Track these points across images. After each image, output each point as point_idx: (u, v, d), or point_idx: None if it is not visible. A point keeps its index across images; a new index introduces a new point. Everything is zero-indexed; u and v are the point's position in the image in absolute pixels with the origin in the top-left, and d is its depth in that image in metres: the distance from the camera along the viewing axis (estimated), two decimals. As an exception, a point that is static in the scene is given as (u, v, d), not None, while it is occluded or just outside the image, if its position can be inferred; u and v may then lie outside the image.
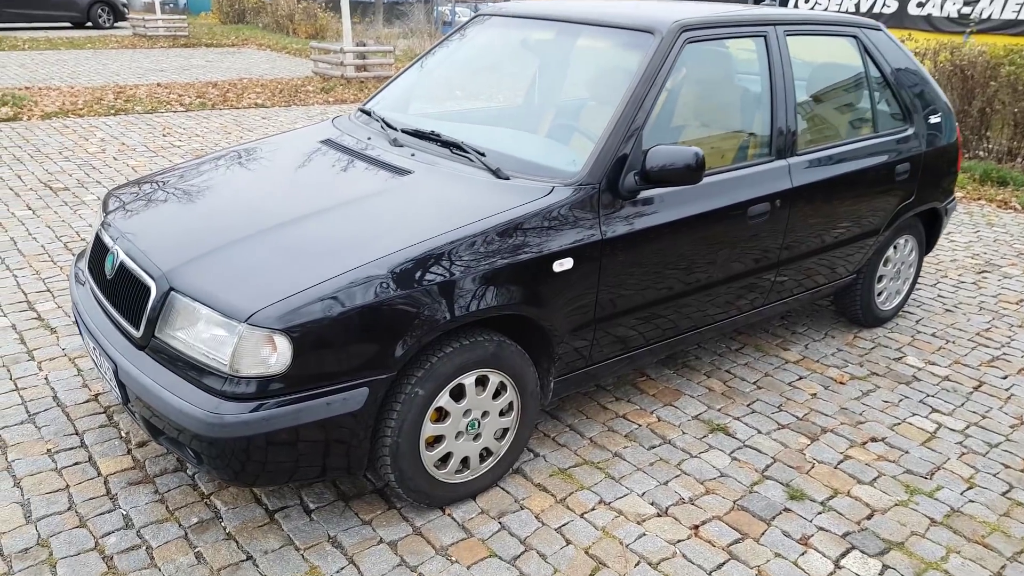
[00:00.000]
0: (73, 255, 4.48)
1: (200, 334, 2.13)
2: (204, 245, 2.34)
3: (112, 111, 8.61)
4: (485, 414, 2.49)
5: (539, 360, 2.65)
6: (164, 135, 7.57)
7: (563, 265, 2.48)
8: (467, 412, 2.44)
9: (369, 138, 3.04)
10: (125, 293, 2.38)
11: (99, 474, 2.60)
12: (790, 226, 3.24)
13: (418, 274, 2.21)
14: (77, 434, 2.81)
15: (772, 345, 3.87)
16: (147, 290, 2.27)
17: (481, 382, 2.45)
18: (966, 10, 12.08)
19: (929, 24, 12.42)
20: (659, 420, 3.12)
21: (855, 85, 3.74)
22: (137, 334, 2.28)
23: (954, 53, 8.14)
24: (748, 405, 3.29)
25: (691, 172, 2.53)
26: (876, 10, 13.17)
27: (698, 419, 3.15)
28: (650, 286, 2.78)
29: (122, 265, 2.43)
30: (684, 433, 3.04)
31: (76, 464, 2.64)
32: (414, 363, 2.29)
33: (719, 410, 3.23)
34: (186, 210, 2.61)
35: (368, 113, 3.31)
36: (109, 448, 2.74)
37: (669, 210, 2.76)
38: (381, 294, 2.15)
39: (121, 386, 2.28)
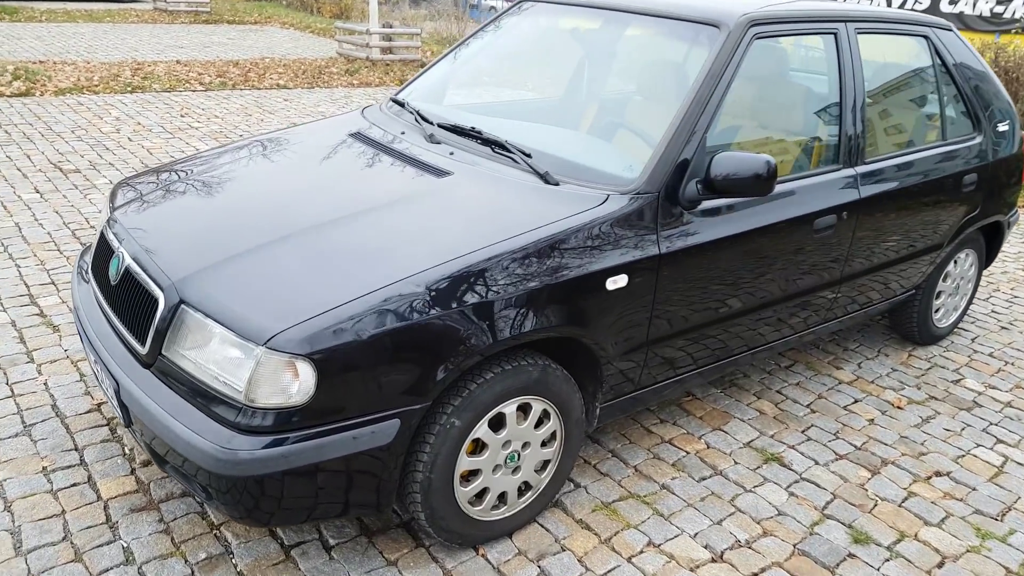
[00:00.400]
0: (82, 244, 4.26)
1: (213, 356, 1.89)
2: (220, 251, 2.10)
3: (129, 88, 8.37)
4: (526, 445, 2.25)
5: (584, 384, 2.40)
6: (182, 115, 7.33)
7: (617, 282, 2.23)
8: (507, 443, 2.20)
9: (403, 132, 2.79)
10: (130, 302, 2.15)
11: (99, 498, 2.37)
12: (855, 240, 2.97)
13: (458, 292, 1.97)
14: (76, 449, 2.58)
15: (824, 363, 3.61)
16: (155, 301, 2.04)
17: (522, 410, 2.21)
18: (999, 9, 11.67)
19: (961, 23, 12.00)
20: (708, 447, 2.87)
21: (925, 89, 3.45)
22: (142, 350, 2.05)
23: (999, 55, 7.79)
24: (803, 431, 3.03)
25: (761, 183, 2.26)
26: (907, 6, 12.75)
27: (750, 447, 2.90)
28: (706, 305, 2.53)
29: (127, 270, 2.19)
30: (736, 463, 2.80)
31: (74, 485, 2.42)
32: (450, 391, 2.05)
33: (772, 436, 2.98)
34: (200, 209, 2.37)
35: (401, 104, 3.05)
36: (111, 467, 2.51)
37: (732, 222, 2.50)
38: (417, 315, 1.91)
39: (123, 407, 2.05)
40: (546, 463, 2.35)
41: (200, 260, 2.08)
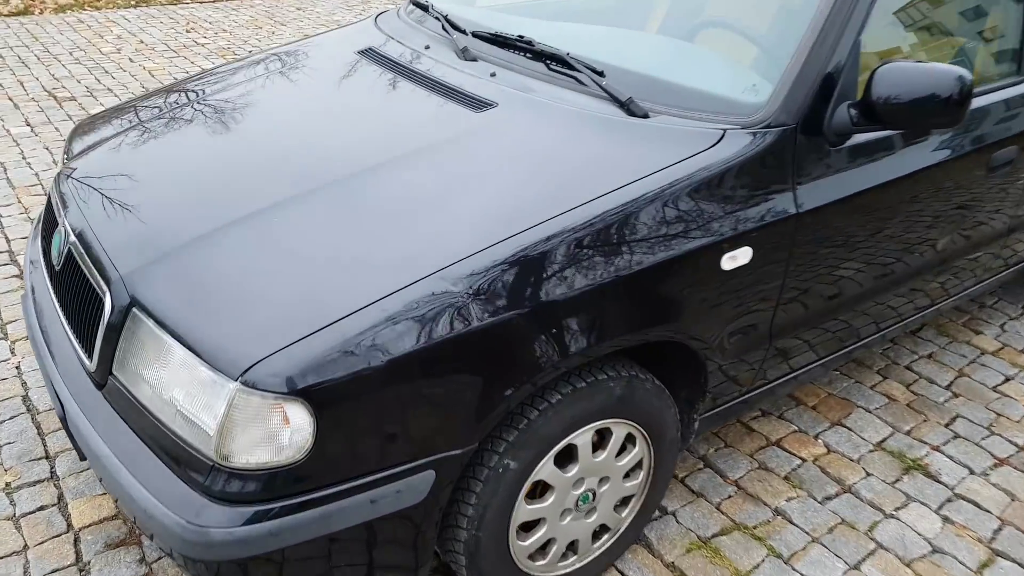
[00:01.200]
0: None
1: (174, 385, 1.30)
2: (187, 229, 1.48)
3: (132, 2, 7.66)
4: (604, 480, 1.64)
5: (678, 391, 1.78)
6: (187, 31, 6.62)
7: (736, 259, 1.56)
8: (579, 482, 1.60)
9: (427, 47, 2.08)
10: (77, 296, 1.56)
11: (69, 527, 1.86)
12: (1033, 177, 2.23)
13: (512, 288, 1.33)
14: (47, 458, 2.06)
15: (957, 325, 2.90)
16: (100, 301, 1.45)
17: (600, 435, 1.60)
18: None
19: None
20: (829, 451, 2.24)
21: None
22: (90, 366, 1.47)
23: None
24: (947, 425, 2.37)
25: (950, 108, 1.54)
26: None
27: (883, 449, 2.26)
28: (848, 278, 1.85)
29: (70, 254, 1.60)
30: (868, 474, 2.16)
31: (41, 509, 1.91)
32: (503, 423, 1.44)
33: (909, 434, 2.33)
34: (166, 167, 1.73)
35: (424, 7, 2.32)
36: (86, 483, 1.98)
37: (888, 163, 1.79)
38: (454, 325, 1.28)
39: (72, 436, 1.50)
40: (629, 498, 1.75)
41: (161, 242, 1.46)
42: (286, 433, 1.22)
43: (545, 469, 1.52)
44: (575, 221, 1.41)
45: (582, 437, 1.54)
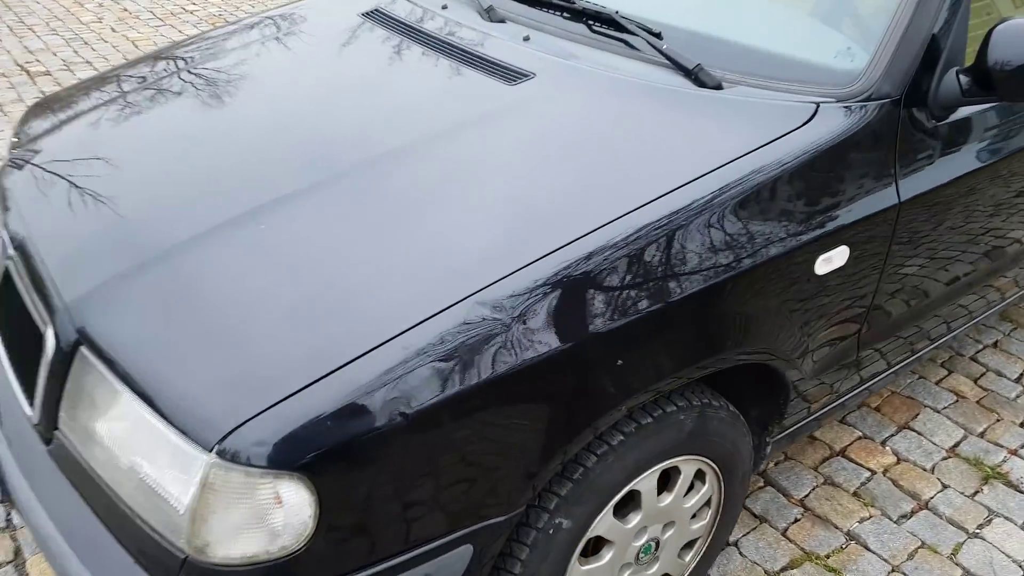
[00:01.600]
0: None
1: (131, 449, 1.03)
2: (152, 241, 1.19)
3: (111, -37, 7.17)
4: (668, 525, 1.39)
5: (749, 413, 1.52)
6: (172, -6, 6.20)
7: (831, 260, 1.29)
8: (640, 531, 1.35)
9: (444, 6, 1.76)
10: (16, 327, 1.28)
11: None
12: None
13: (566, 312, 1.06)
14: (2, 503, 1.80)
15: (1020, 308, 2.64)
16: (40, 336, 1.17)
17: (665, 474, 1.35)
18: None
19: None
20: (899, 460, 1.99)
21: None
22: (31, 415, 1.20)
23: None
24: (1022, 424, 2.14)
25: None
26: None
27: (957, 455, 2.02)
28: (939, 275, 1.58)
29: (7, 273, 1.32)
30: (944, 486, 1.92)
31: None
32: (553, 477, 1.18)
33: (983, 436, 2.09)
34: (135, 157, 1.43)
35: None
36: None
37: (998, 139, 1.51)
38: (496, 363, 1.01)
39: (8, 497, 1.24)
40: (693, 541, 1.50)
41: (120, 258, 1.17)
42: (279, 515, 0.95)
43: (603, 523, 1.26)
44: (641, 223, 1.13)
45: (646, 482, 1.29)
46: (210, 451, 0.93)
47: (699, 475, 1.40)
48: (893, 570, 1.71)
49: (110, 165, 1.40)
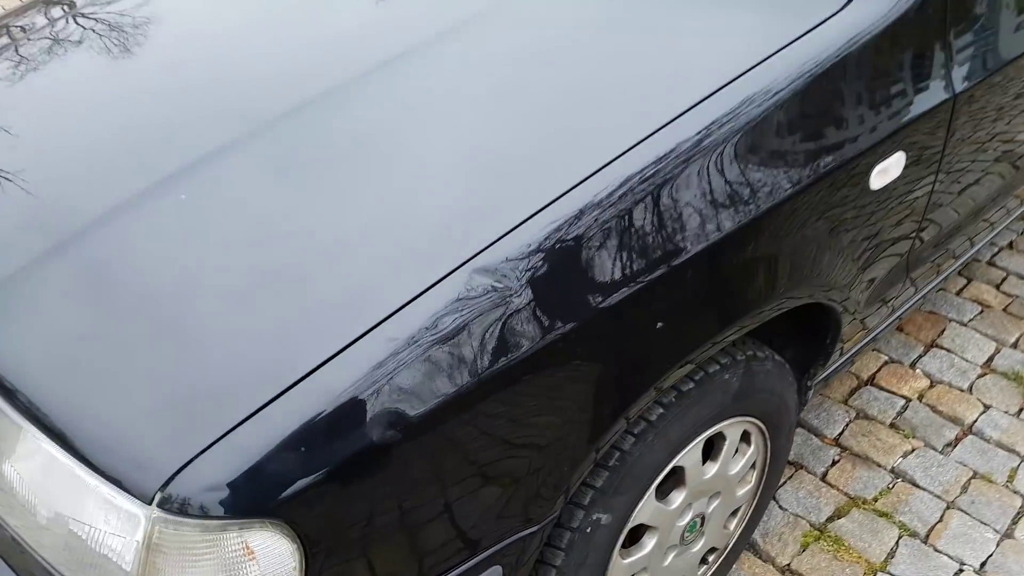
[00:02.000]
0: None
1: (50, 502, 0.80)
2: (49, 230, 0.93)
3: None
4: (715, 496, 1.20)
5: (785, 355, 1.32)
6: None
7: (888, 171, 1.08)
8: (685, 509, 1.15)
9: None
10: None
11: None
12: None
13: (592, 268, 0.84)
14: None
15: None
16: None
17: (708, 443, 1.15)
18: None
19: None
20: (932, 383, 1.83)
21: None
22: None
23: None
24: (1055, 330, 1.99)
25: None
26: None
27: (993, 370, 1.86)
28: (992, 174, 1.38)
29: None
30: (987, 407, 1.77)
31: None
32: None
33: (1016, 346, 1.93)
34: (28, 120, 1.16)
35: None
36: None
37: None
38: (508, 346, 0.79)
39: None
40: (737, 509, 1.32)
41: (17, 248, 0.92)
42: (254, 570, 0.73)
43: (645, 510, 1.07)
44: (668, 147, 0.90)
45: (690, 455, 1.09)
46: (150, 503, 0.70)
47: (744, 436, 1.21)
48: (948, 507, 1.55)
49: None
